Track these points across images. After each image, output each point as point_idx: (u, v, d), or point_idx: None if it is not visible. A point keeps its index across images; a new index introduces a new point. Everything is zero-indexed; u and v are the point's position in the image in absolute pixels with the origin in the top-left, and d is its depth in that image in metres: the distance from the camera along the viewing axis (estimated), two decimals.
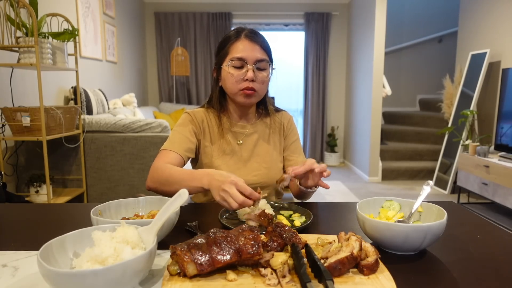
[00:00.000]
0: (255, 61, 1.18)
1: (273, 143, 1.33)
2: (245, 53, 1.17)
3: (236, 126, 1.30)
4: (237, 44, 1.19)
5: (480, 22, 4.18)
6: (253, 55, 1.17)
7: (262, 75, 1.20)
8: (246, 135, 1.30)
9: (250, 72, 1.17)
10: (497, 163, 3.23)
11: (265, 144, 1.32)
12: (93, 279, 0.53)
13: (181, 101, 5.83)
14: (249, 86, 1.18)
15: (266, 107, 1.34)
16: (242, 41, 1.19)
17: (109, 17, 4.27)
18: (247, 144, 1.29)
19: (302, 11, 5.73)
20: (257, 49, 1.18)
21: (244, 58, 1.17)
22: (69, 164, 2.82)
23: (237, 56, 1.17)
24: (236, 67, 1.18)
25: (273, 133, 1.34)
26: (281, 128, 1.36)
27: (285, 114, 1.40)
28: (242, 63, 1.18)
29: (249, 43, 1.18)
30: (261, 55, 1.19)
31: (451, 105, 4.44)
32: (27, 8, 2.16)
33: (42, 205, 1.18)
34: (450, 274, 0.67)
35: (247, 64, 1.17)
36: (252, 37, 1.19)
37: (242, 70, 1.18)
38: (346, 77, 5.92)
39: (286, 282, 0.60)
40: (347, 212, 1.06)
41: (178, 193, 0.71)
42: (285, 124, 1.37)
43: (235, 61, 1.18)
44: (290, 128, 1.37)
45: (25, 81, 2.67)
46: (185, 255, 0.61)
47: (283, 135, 1.36)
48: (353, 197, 4.08)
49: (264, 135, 1.32)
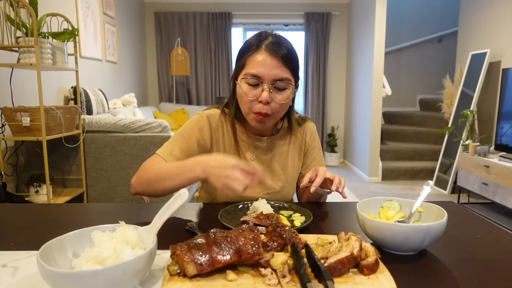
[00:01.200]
0: (272, 80, 1.01)
1: (291, 160, 1.21)
2: (262, 70, 1.00)
3: (253, 138, 1.17)
4: (255, 57, 1.02)
5: (480, 22, 4.18)
6: (271, 73, 1.00)
7: (281, 96, 1.03)
8: (263, 149, 1.18)
9: (266, 93, 1.00)
10: (497, 163, 3.23)
11: (282, 161, 1.19)
12: (93, 279, 0.53)
13: (181, 101, 5.83)
14: (262, 111, 1.02)
15: (290, 122, 1.19)
16: (261, 54, 1.01)
17: (109, 17, 4.27)
18: (261, 159, 1.17)
19: (302, 11, 5.73)
20: (278, 66, 1.00)
21: (260, 75, 1.00)
22: (69, 164, 2.82)
23: (252, 72, 1.01)
24: (251, 84, 1.02)
25: (293, 150, 1.21)
26: (302, 144, 1.23)
27: (308, 126, 1.25)
28: (257, 81, 1.01)
29: (269, 57, 1.00)
30: (281, 73, 1.01)
31: (451, 105, 4.44)
32: (27, 8, 2.16)
33: (42, 205, 1.18)
34: (450, 274, 0.67)
35: (263, 83, 1.01)
36: (274, 50, 1.01)
37: (257, 89, 1.02)
38: (346, 77, 5.92)
39: (286, 282, 0.60)
40: (347, 212, 1.06)
41: (178, 193, 0.71)
42: (307, 139, 1.23)
43: (249, 78, 1.02)
44: (312, 143, 1.24)
45: (25, 81, 2.67)
46: (185, 255, 0.61)
47: (303, 152, 1.24)
48: (353, 197, 4.08)
49: (282, 150, 1.20)
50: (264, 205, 0.98)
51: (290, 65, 1.03)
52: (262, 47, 1.02)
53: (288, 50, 1.03)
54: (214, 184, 0.85)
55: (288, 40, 1.08)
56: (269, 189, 1.17)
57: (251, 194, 1.15)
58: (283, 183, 1.19)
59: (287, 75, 1.03)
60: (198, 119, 1.13)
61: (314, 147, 1.25)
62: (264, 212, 0.92)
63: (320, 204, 1.14)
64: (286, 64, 1.02)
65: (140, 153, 2.80)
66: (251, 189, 1.10)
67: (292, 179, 1.22)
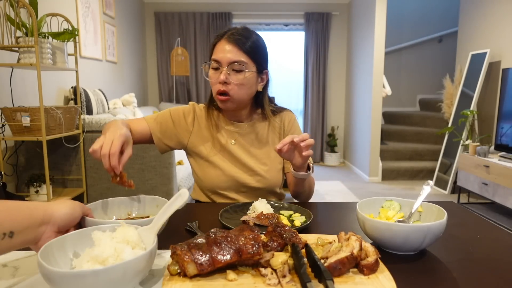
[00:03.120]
0: (228, 62, 1.13)
1: (272, 144, 1.28)
2: (220, 54, 1.14)
3: (230, 124, 1.26)
4: (218, 45, 1.16)
5: (480, 22, 4.18)
6: (227, 56, 1.13)
7: (237, 77, 1.14)
8: (241, 134, 1.26)
9: (223, 74, 1.12)
10: (497, 163, 3.23)
11: (262, 145, 1.27)
12: (93, 279, 0.53)
13: (181, 101, 5.83)
14: (221, 89, 1.14)
15: (263, 109, 1.28)
16: (222, 42, 1.15)
17: (109, 17, 4.27)
18: (241, 144, 1.26)
19: (302, 11, 5.73)
20: (234, 50, 1.13)
21: (218, 59, 1.14)
22: (69, 164, 2.82)
23: (214, 57, 1.15)
24: (214, 68, 1.16)
25: (272, 135, 1.30)
26: (281, 130, 1.31)
27: (287, 114, 1.33)
28: (217, 64, 1.15)
29: (227, 43, 1.14)
30: (236, 56, 1.12)
31: (451, 105, 4.44)
32: (27, 8, 2.16)
33: None
34: (450, 274, 0.67)
35: (222, 66, 1.14)
36: (232, 38, 1.14)
37: (218, 73, 1.15)
38: (346, 77, 5.92)
39: (286, 282, 0.60)
40: (347, 212, 1.06)
41: (178, 193, 0.71)
42: (285, 124, 1.31)
43: (212, 63, 1.16)
44: (292, 128, 1.31)
45: (25, 81, 2.67)
46: (185, 255, 0.61)
47: (283, 136, 1.31)
48: (353, 197, 4.08)
49: (261, 135, 1.28)
50: (264, 205, 0.98)
51: (248, 51, 1.14)
52: (224, 36, 1.16)
53: (247, 39, 1.15)
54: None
55: (253, 32, 1.19)
56: (252, 171, 1.23)
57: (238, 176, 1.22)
58: (267, 167, 1.25)
59: (242, 58, 1.13)
60: (186, 106, 1.29)
61: (294, 133, 1.30)
62: (264, 212, 0.92)
63: (320, 204, 1.14)
64: (242, 49, 1.14)
65: (140, 153, 2.80)
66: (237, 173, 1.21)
67: (276, 163, 1.28)
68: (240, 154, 1.24)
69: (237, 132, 1.26)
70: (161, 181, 2.82)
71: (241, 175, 1.23)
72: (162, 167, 2.80)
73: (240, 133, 1.26)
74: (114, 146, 0.88)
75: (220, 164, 1.23)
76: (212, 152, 1.24)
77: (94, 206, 0.85)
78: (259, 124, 1.29)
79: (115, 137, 0.90)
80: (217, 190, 1.23)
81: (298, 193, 1.23)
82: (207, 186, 1.24)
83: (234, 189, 1.24)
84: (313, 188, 1.28)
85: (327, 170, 5.53)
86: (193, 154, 1.27)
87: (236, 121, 1.27)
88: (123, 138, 0.92)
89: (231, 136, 1.26)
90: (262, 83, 1.22)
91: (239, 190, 1.24)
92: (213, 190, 1.24)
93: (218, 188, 1.23)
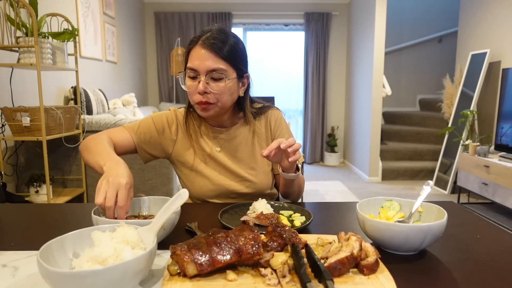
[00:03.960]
0: (206, 71, 1.05)
1: (259, 147, 1.23)
2: (197, 62, 1.06)
3: (213, 131, 1.21)
4: (192, 52, 1.08)
5: (480, 22, 4.18)
6: (203, 65, 1.05)
7: (217, 86, 1.07)
8: (226, 140, 1.21)
9: (201, 84, 1.05)
10: (497, 163, 3.23)
11: (248, 149, 1.22)
12: (93, 279, 0.53)
13: (181, 101, 5.83)
14: (202, 100, 1.07)
15: (244, 113, 1.22)
16: (196, 48, 1.07)
17: (109, 17, 4.27)
18: (227, 150, 1.21)
19: (302, 11, 5.73)
20: (211, 57, 1.05)
21: (195, 68, 1.06)
22: (69, 164, 2.82)
23: (189, 66, 1.08)
24: (191, 77, 1.09)
25: (258, 138, 1.24)
26: (268, 129, 1.25)
27: (272, 112, 1.27)
28: (194, 73, 1.07)
29: (203, 50, 1.06)
30: (213, 64, 1.05)
31: (451, 105, 4.44)
32: (27, 8, 2.16)
33: (42, 205, 1.18)
34: (450, 274, 0.67)
35: (200, 75, 1.06)
36: (206, 43, 1.06)
37: (195, 82, 1.08)
38: (346, 77, 5.92)
39: (286, 282, 0.60)
40: (347, 212, 1.06)
41: (178, 193, 0.71)
42: (272, 124, 1.25)
43: (189, 72, 1.08)
44: (279, 127, 1.25)
45: (25, 81, 2.67)
46: (185, 255, 0.61)
47: (270, 138, 1.25)
48: (353, 197, 4.08)
49: (246, 139, 1.22)
50: (264, 205, 0.98)
51: (226, 57, 1.07)
52: (199, 42, 1.08)
53: (223, 43, 1.07)
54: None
55: (230, 34, 1.11)
56: (240, 177, 1.20)
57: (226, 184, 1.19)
58: (255, 171, 1.21)
59: (221, 66, 1.06)
60: (167, 112, 1.23)
61: (281, 132, 1.26)
62: (264, 212, 0.92)
63: (320, 204, 1.14)
64: (219, 55, 1.06)
65: None
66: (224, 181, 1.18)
67: (264, 166, 1.23)
68: (226, 161, 1.20)
69: (221, 138, 1.21)
70: (161, 181, 2.82)
71: (229, 183, 1.19)
72: (162, 167, 2.80)
73: (224, 139, 1.21)
74: (122, 200, 0.80)
75: (206, 173, 1.19)
76: (197, 161, 1.20)
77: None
78: (243, 128, 1.23)
79: (120, 187, 0.81)
80: (206, 199, 1.21)
81: (288, 193, 1.21)
82: (196, 195, 1.21)
83: (223, 197, 1.20)
84: (303, 187, 1.25)
85: (327, 170, 5.53)
86: (178, 164, 1.23)
87: (218, 127, 1.22)
88: (129, 186, 0.84)
89: (216, 143, 1.21)
90: (243, 88, 1.16)
91: (228, 196, 1.21)
92: (201, 199, 1.21)
93: (206, 197, 1.20)
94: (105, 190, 0.81)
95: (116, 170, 0.87)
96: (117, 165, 0.90)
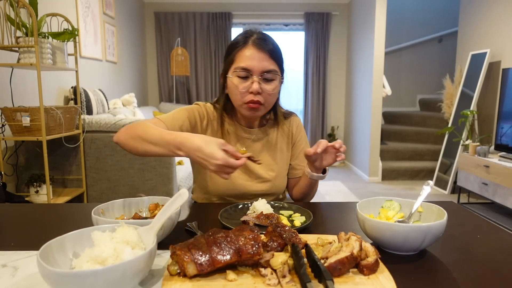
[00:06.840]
0: (261, 72, 1.08)
1: (280, 150, 1.27)
2: (251, 63, 1.08)
3: (242, 130, 1.23)
4: (243, 52, 1.10)
5: (480, 22, 4.18)
6: (259, 65, 1.08)
7: (270, 87, 1.11)
8: (252, 140, 1.24)
9: (256, 84, 1.08)
10: (497, 163, 3.23)
11: (271, 152, 1.26)
12: (93, 279, 0.53)
13: (181, 101, 5.83)
14: (254, 99, 1.09)
15: (276, 114, 1.26)
16: (249, 49, 1.09)
17: (109, 17, 4.27)
18: (251, 150, 1.22)
19: (302, 11, 5.73)
20: (265, 58, 1.09)
21: (249, 68, 1.08)
22: (69, 164, 2.82)
23: (242, 66, 1.09)
24: (241, 77, 1.10)
25: (281, 141, 1.28)
26: (290, 135, 1.30)
27: (294, 118, 1.32)
28: (247, 73, 1.09)
29: (256, 51, 1.08)
30: (268, 65, 1.09)
31: (451, 105, 4.44)
32: (27, 8, 2.16)
33: (42, 205, 1.18)
34: (450, 274, 0.67)
35: (253, 76, 1.08)
36: (260, 44, 1.09)
37: (247, 82, 1.09)
38: (346, 77, 5.92)
39: (286, 282, 0.60)
40: (347, 212, 1.06)
41: (178, 193, 0.71)
42: (293, 130, 1.30)
43: (239, 71, 1.09)
44: (299, 135, 1.31)
45: (25, 81, 2.67)
46: (185, 255, 0.61)
47: (291, 143, 1.30)
48: (353, 197, 4.08)
49: (271, 142, 1.26)
50: (264, 205, 0.98)
51: (276, 58, 1.12)
52: (249, 42, 1.11)
53: (274, 45, 1.13)
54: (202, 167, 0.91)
55: (271, 37, 1.16)
56: (261, 178, 1.22)
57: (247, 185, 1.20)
58: (275, 173, 1.24)
59: (274, 67, 1.11)
60: (198, 106, 1.22)
61: (301, 139, 1.31)
62: (264, 212, 0.92)
63: (320, 204, 1.14)
64: (272, 57, 1.11)
65: None
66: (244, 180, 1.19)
67: (283, 169, 1.27)
68: (249, 162, 1.19)
69: (248, 138, 1.24)
70: (161, 181, 2.82)
71: (250, 183, 1.21)
72: (162, 167, 2.80)
73: (250, 139, 1.24)
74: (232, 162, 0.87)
75: None
76: None
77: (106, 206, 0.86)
78: (269, 130, 1.27)
79: (225, 162, 0.86)
80: (223, 196, 1.22)
81: (307, 195, 1.23)
82: (213, 192, 1.22)
83: (241, 196, 1.22)
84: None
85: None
86: None
87: (248, 127, 1.24)
88: (223, 147, 0.89)
89: (242, 142, 1.23)
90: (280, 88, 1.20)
91: (245, 197, 1.22)
92: (218, 196, 1.23)
93: (224, 195, 1.22)
94: (215, 162, 0.86)
95: (194, 148, 0.89)
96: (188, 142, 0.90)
